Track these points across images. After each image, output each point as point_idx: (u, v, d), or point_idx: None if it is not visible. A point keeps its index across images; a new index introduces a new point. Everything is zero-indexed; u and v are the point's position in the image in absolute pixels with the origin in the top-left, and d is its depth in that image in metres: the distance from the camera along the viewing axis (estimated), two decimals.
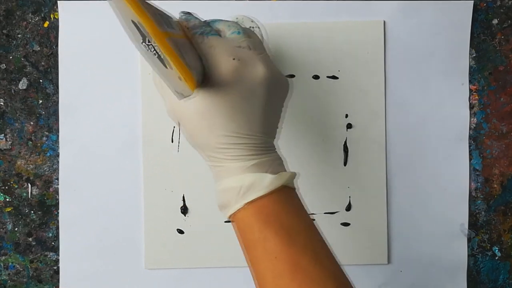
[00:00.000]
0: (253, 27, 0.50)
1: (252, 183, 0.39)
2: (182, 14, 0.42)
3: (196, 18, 0.42)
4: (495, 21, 0.54)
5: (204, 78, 0.39)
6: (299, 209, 0.40)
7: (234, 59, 0.39)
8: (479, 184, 0.55)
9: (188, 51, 0.38)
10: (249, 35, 0.42)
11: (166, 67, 0.36)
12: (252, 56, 0.40)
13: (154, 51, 0.34)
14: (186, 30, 0.41)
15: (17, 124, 0.54)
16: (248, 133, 0.39)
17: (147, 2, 0.35)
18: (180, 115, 0.40)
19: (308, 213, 0.54)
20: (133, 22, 0.33)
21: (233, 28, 0.42)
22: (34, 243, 0.55)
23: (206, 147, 0.40)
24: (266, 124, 0.40)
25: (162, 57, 0.35)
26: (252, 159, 0.39)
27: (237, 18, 0.50)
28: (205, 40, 0.40)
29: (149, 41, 0.34)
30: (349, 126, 0.54)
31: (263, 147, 0.40)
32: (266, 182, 0.39)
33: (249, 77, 0.39)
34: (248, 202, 0.39)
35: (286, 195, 0.40)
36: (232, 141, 0.39)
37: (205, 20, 0.43)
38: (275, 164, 0.40)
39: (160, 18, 0.36)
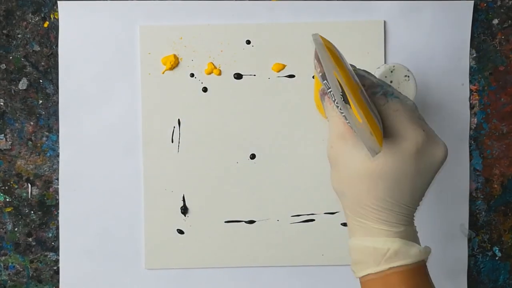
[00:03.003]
0: (407, 76, 0.48)
1: (399, 249, 0.38)
2: (359, 69, 0.41)
3: (369, 76, 0.40)
4: (495, 21, 0.54)
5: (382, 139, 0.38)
6: (432, 284, 0.40)
7: (424, 131, 0.39)
8: (479, 184, 0.55)
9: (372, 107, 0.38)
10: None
11: (359, 121, 0.36)
12: (433, 133, 0.40)
13: (348, 104, 0.35)
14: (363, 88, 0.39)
15: (17, 124, 0.54)
16: (408, 204, 0.39)
17: (341, 55, 0.38)
18: (341, 160, 0.39)
19: (308, 213, 0.54)
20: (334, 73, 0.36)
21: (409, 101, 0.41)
22: (34, 243, 0.55)
23: (356, 201, 0.39)
24: (422, 198, 0.40)
25: (356, 109, 0.35)
26: (400, 226, 0.39)
27: (394, 66, 0.48)
28: (389, 103, 0.39)
29: (343, 93, 0.35)
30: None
31: (411, 217, 0.40)
32: (413, 251, 0.39)
33: (430, 154, 0.39)
34: (392, 267, 0.38)
35: (425, 269, 0.40)
36: (390, 207, 0.39)
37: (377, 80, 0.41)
38: (416, 235, 0.41)
39: (351, 71, 0.38)
